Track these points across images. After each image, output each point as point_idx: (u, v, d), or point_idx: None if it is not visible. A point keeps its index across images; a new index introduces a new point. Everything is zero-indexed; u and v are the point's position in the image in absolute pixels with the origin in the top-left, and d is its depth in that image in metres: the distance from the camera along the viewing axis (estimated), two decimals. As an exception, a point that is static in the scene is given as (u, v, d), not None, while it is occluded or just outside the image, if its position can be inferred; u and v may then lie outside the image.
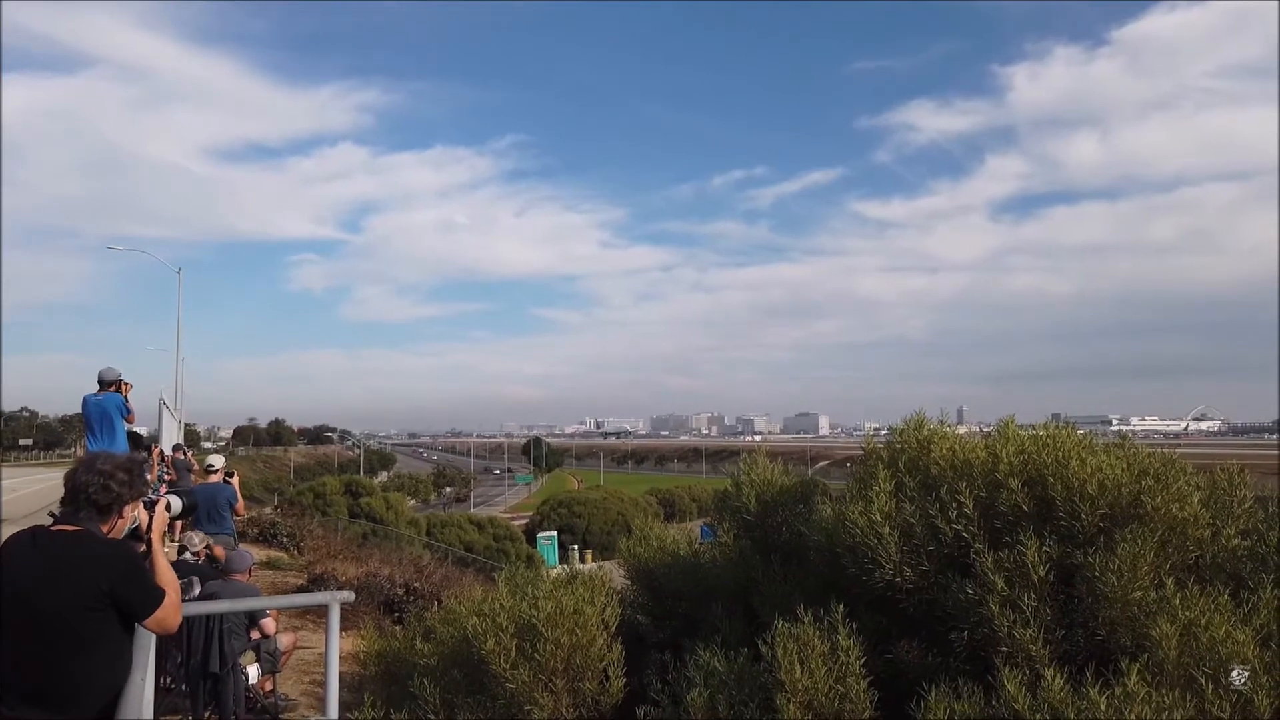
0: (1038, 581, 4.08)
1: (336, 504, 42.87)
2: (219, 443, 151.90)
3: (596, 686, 4.75)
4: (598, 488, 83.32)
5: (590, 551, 51.79)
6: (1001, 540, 4.33)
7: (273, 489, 77.81)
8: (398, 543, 32.44)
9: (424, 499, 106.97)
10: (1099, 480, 4.26)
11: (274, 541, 19.97)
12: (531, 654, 4.66)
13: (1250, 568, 4.36)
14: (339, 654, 4.73)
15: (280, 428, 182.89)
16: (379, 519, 41.31)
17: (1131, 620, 3.97)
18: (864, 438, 5.85)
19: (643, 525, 6.70)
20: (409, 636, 5.91)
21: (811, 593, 4.80)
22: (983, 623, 4.12)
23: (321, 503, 42.71)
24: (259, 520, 22.40)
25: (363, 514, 41.87)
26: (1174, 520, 4.23)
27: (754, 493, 5.81)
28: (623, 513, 59.55)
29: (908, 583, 4.54)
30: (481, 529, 50.48)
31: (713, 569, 5.82)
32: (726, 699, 4.22)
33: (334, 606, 4.78)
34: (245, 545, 17.97)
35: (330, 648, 4.78)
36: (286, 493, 57.17)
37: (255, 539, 20.12)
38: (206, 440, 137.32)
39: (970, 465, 4.72)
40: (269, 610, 7.54)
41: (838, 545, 4.84)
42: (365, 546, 24.11)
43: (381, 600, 11.84)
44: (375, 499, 45.50)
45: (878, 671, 4.25)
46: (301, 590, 12.69)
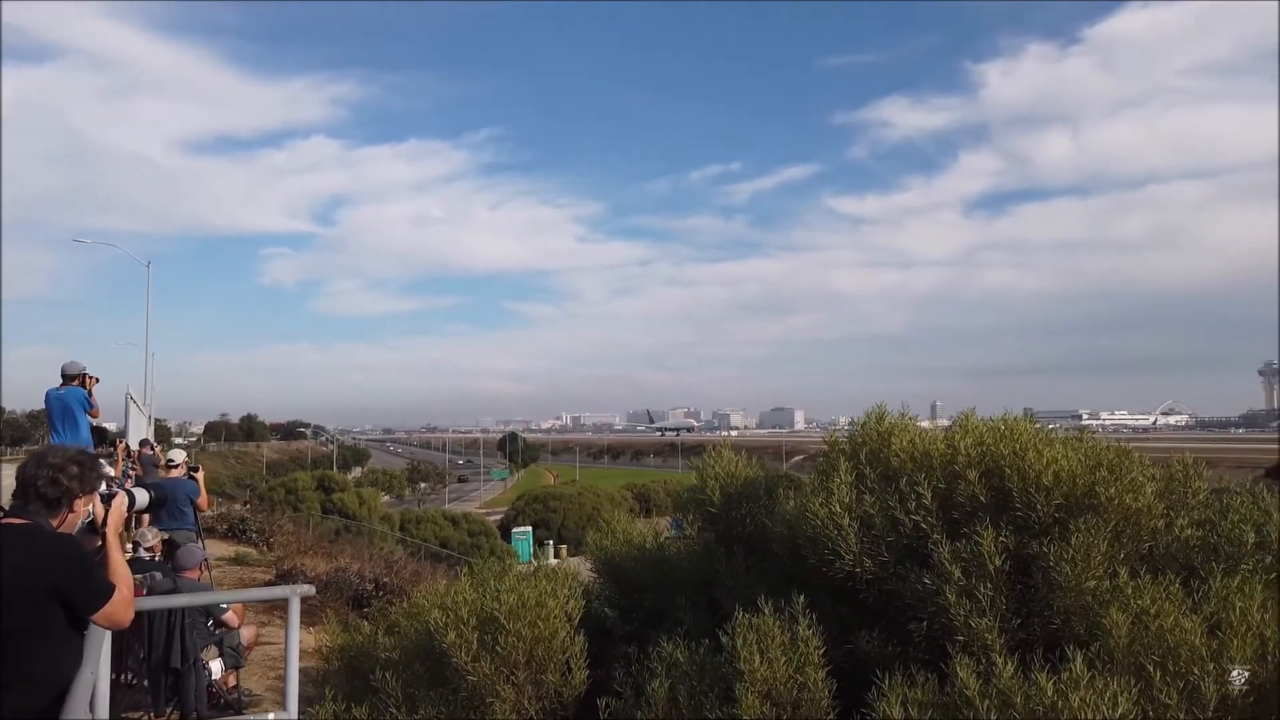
0: (994, 571, 4.13)
1: (308, 500, 42.52)
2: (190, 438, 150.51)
3: (559, 678, 4.75)
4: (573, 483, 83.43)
5: (565, 546, 51.75)
6: (959, 531, 4.38)
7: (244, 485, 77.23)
8: (370, 538, 32.26)
9: (398, 495, 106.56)
10: (1054, 471, 4.32)
11: (243, 537, 19.80)
12: (493, 646, 4.65)
13: (1202, 557, 4.43)
14: (302, 649, 4.71)
15: (252, 423, 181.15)
16: (352, 515, 41.05)
17: (1085, 609, 4.03)
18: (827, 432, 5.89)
19: (610, 519, 6.71)
20: (372, 631, 5.88)
21: (774, 584, 4.82)
22: (940, 612, 4.17)
23: (293, 498, 42.34)
24: (228, 516, 22.19)
25: (335, 510, 41.61)
26: (1128, 511, 4.30)
27: (718, 486, 5.84)
28: (598, 508, 59.52)
29: (867, 573, 4.59)
30: (456, 524, 50.37)
31: (678, 561, 5.84)
32: (687, 689, 4.24)
33: (294, 601, 4.76)
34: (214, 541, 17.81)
35: (290, 642, 4.76)
36: (258, 488, 56.64)
37: (224, 535, 19.95)
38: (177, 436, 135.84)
39: (930, 457, 4.77)
40: (232, 605, 7.48)
41: (799, 537, 4.87)
42: (337, 542, 23.95)
43: (350, 596, 11.78)
44: (348, 495, 45.21)
45: (838, 661, 4.28)
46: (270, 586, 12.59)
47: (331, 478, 50.59)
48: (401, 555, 21.22)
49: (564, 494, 66.53)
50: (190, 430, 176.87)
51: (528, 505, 63.90)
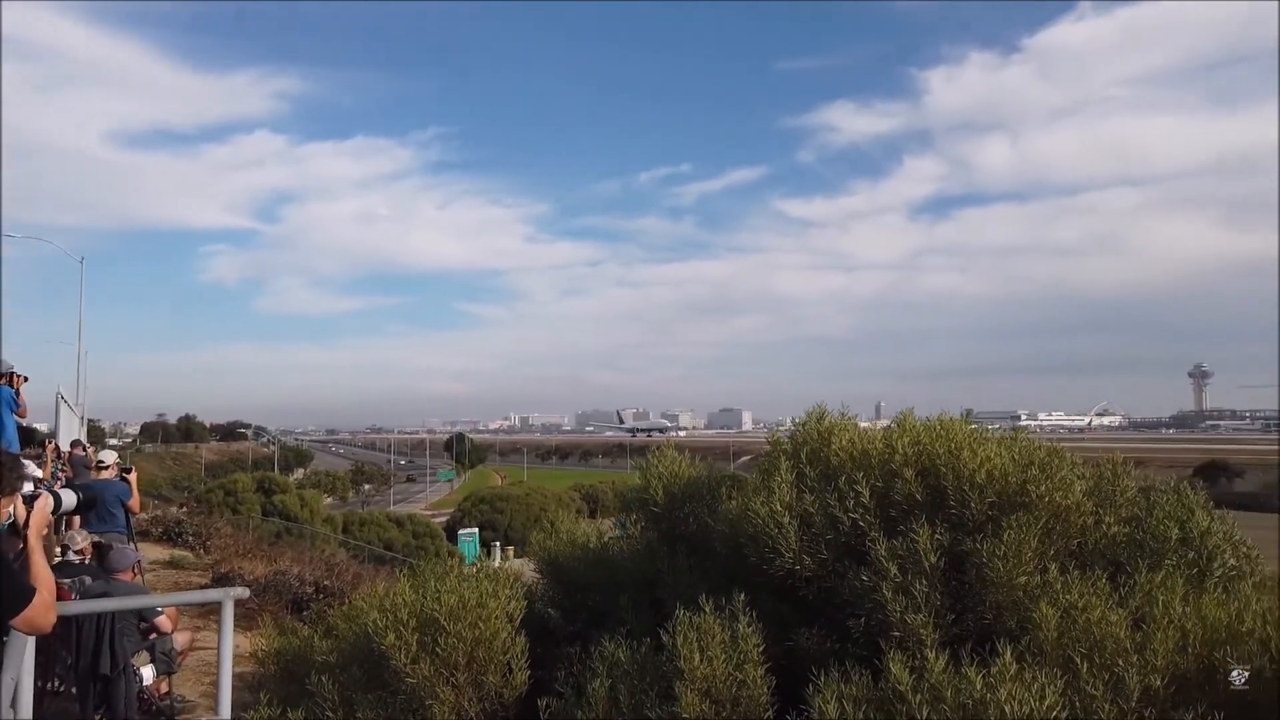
0: (929, 568, 4.21)
1: (248, 502, 41.69)
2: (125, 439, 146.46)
3: (500, 679, 4.72)
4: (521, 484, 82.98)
5: (512, 548, 51.46)
6: (896, 528, 4.45)
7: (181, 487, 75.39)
8: (312, 541, 31.71)
9: (341, 496, 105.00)
10: (987, 470, 4.41)
11: (179, 540, 19.33)
12: (433, 648, 4.60)
13: (1128, 554, 4.58)
14: (238, 653, 4.61)
15: (191, 424, 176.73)
16: (293, 517, 40.35)
17: (1016, 604, 4.13)
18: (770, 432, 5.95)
19: (554, 519, 6.69)
20: (310, 634, 5.78)
21: (716, 582, 4.85)
22: (877, 609, 4.23)
23: (232, 500, 41.50)
24: (164, 519, 21.64)
25: (276, 512, 40.85)
26: (1058, 508, 4.41)
27: (662, 485, 5.85)
28: (545, 509, 59.30)
29: (807, 571, 4.63)
30: (401, 526, 49.82)
31: (621, 561, 5.84)
32: (628, 688, 4.24)
33: (227, 604, 4.67)
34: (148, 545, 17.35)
35: (223, 646, 4.67)
36: (195, 490, 55.33)
37: (160, 538, 19.46)
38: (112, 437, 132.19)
39: (868, 456, 4.84)
40: (165, 609, 7.30)
41: (741, 535, 4.91)
42: (277, 545, 23.50)
43: (290, 599, 11.57)
44: (289, 496, 44.43)
45: (778, 658, 4.32)
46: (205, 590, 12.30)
47: (272, 479, 49.69)
48: (344, 558, 20.91)
49: (511, 495, 66.19)
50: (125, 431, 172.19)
51: (474, 506, 63.46)
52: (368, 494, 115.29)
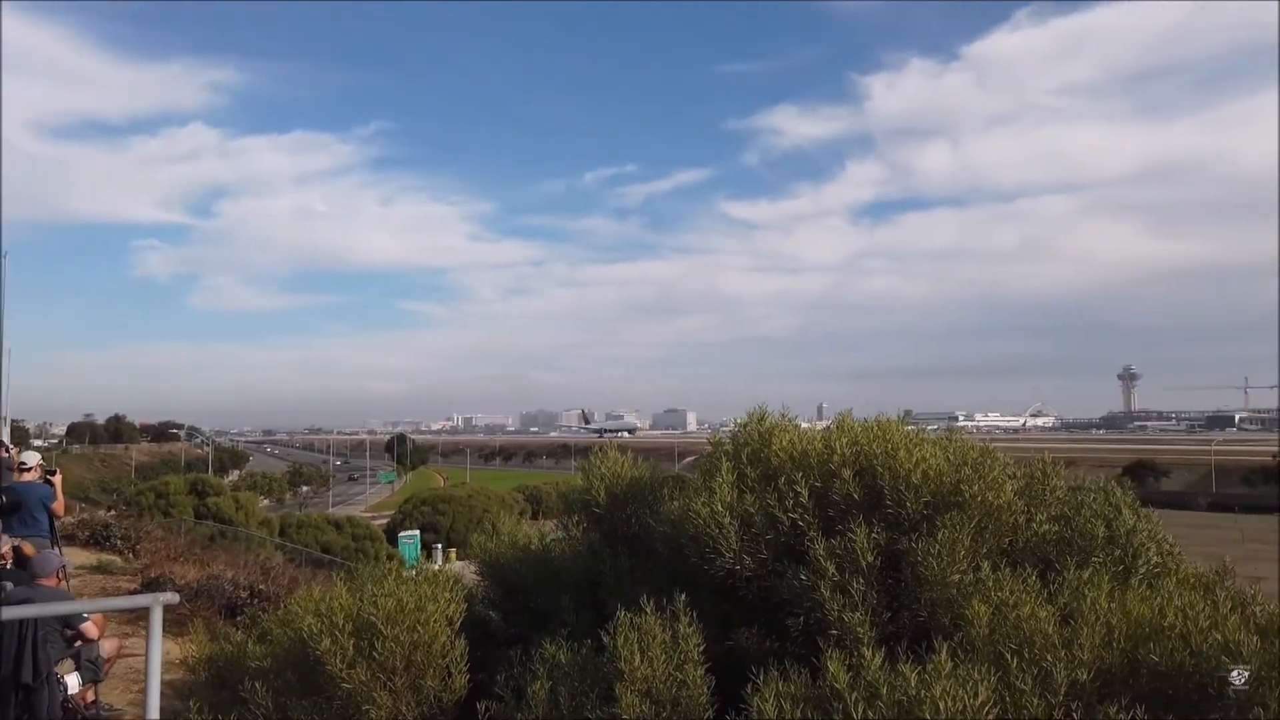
0: (866, 567, 4.28)
1: (181, 504, 40.66)
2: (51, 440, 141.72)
3: (439, 683, 4.68)
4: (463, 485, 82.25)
5: (454, 550, 50.96)
6: (834, 528, 4.52)
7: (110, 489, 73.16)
8: (248, 544, 31.02)
9: (278, 498, 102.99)
10: (923, 470, 4.50)
11: (107, 544, 18.74)
12: (370, 652, 4.54)
13: (1057, 551, 4.72)
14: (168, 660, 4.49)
15: (120, 424, 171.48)
16: (228, 520, 39.40)
17: (950, 601, 4.22)
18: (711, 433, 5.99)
19: (496, 521, 6.64)
20: (243, 640, 5.66)
21: (657, 583, 4.86)
22: (815, 607, 4.29)
23: (164, 503, 40.45)
24: (91, 522, 20.96)
25: (210, 514, 39.86)
26: (990, 507, 4.52)
27: (604, 486, 5.85)
28: (488, 510, 58.86)
29: (747, 570, 4.67)
30: (340, 529, 48.97)
31: (563, 563, 5.83)
32: (568, 690, 4.24)
33: (156, 609, 4.52)
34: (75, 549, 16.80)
35: (151, 653, 4.52)
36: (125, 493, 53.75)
37: (86, 542, 18.84)
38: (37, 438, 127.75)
39: (808, 457, 4.90)
40: (91, 615, 7.07)
41: (682, 536, 4.93)
42: (211, 549, 22.91)
43: (223, 604, 11.30)
44: (224, 499, 43.40)
45: (718, 658, 4.35)
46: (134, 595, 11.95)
47: (206, 481, 48.53)
48: (280, 561, 20.47)
49: (453, 496, 65.53)
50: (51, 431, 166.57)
51: (415, 508, 62.69)
52: (305, 496, 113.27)
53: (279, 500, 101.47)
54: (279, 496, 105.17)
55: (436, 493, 71.41)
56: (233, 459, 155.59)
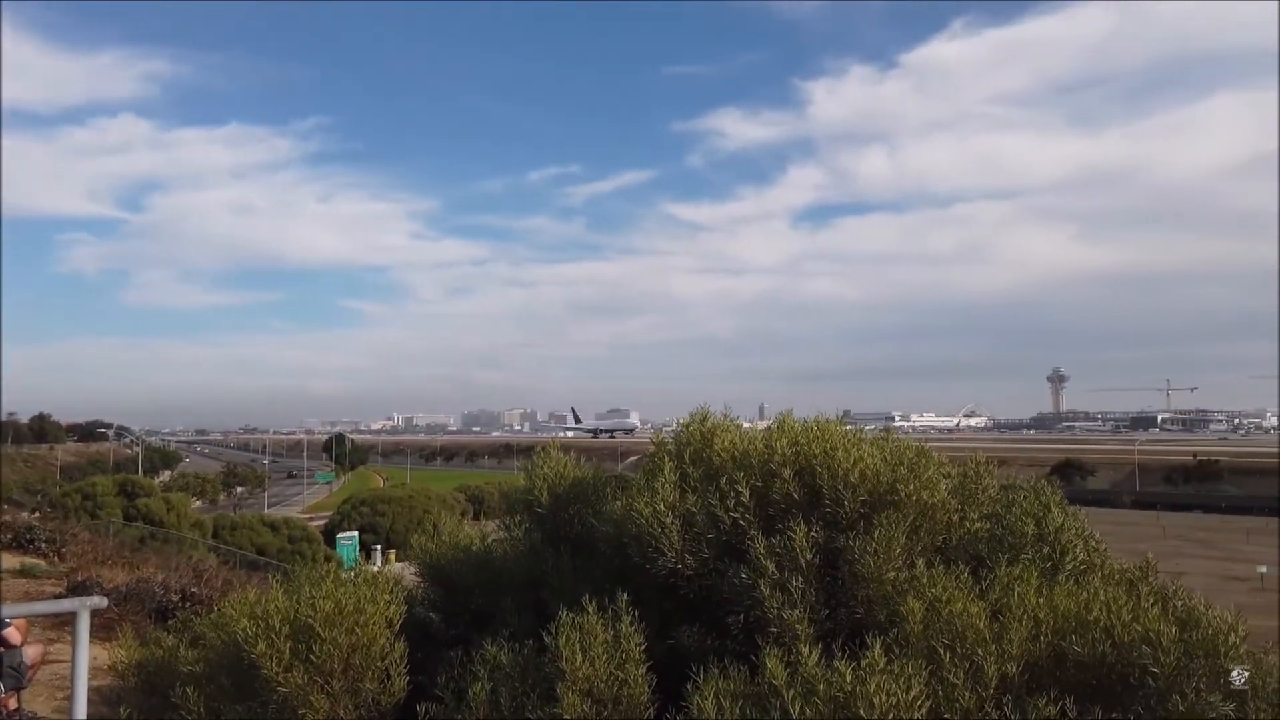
0: (805, 565, 4.35)
1: (109, 506, 39.52)
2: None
3: (377, 686, 4.62)
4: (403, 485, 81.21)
5: (394, 551, 50.29)
6: (774, 527, 4.58)
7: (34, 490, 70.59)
8: (180, 546, 30.26)
9: (212, 500, 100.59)
10: (860, 470, 4.59)
11: (30, 547, 18.09)
12: (307, 656, 4.47)
13: (989, 548, 4.85)
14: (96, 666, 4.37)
15: (45, 423, 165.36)
16: (158, 521, 38.42)
17: (886, 598, 4.31)
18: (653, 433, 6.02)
19: (437, 521, 6.58)
20: (174, 644, 5.52)
21: (600, 583, 4.88)
22: (755, 605, 4.35)
23: (91, 505, 39.25)
24: (14, 524, 20.23)
25: (140, 516, 38.81)
26: (925, 506, 4.62)
27: (546, 486, 5.84)
28: (429, 510, 58.17)
29: (689, 569, 4.71)
30: (276, 530, 48.03)
31: (504, 563, 5.80)
32: (509, 691, 4.23)
33: (83, 614, 4.42)
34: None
35: (78, 659, 4.42)
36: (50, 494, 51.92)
37: (9, 545, 18.17)
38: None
39: (748, 456, 4.96)
40: (14, 620, 6.83)
41: (625, 536, 4.95)
42: (140, 552, 22.29)
43: (153, 608, 10.99)
44: (154, 500, 42.31)
45: (660, 657, 4.38)
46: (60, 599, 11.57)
47: (136, 482, 47.25)
48: (213, 563, 19.98)
49: (393, 497, 64.66)
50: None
51: (354, 509, 61.71)
52: (240, 497, 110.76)
53: (212, 501, 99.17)
54: (212, 498, 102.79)
55: (376, 493, 70.40)
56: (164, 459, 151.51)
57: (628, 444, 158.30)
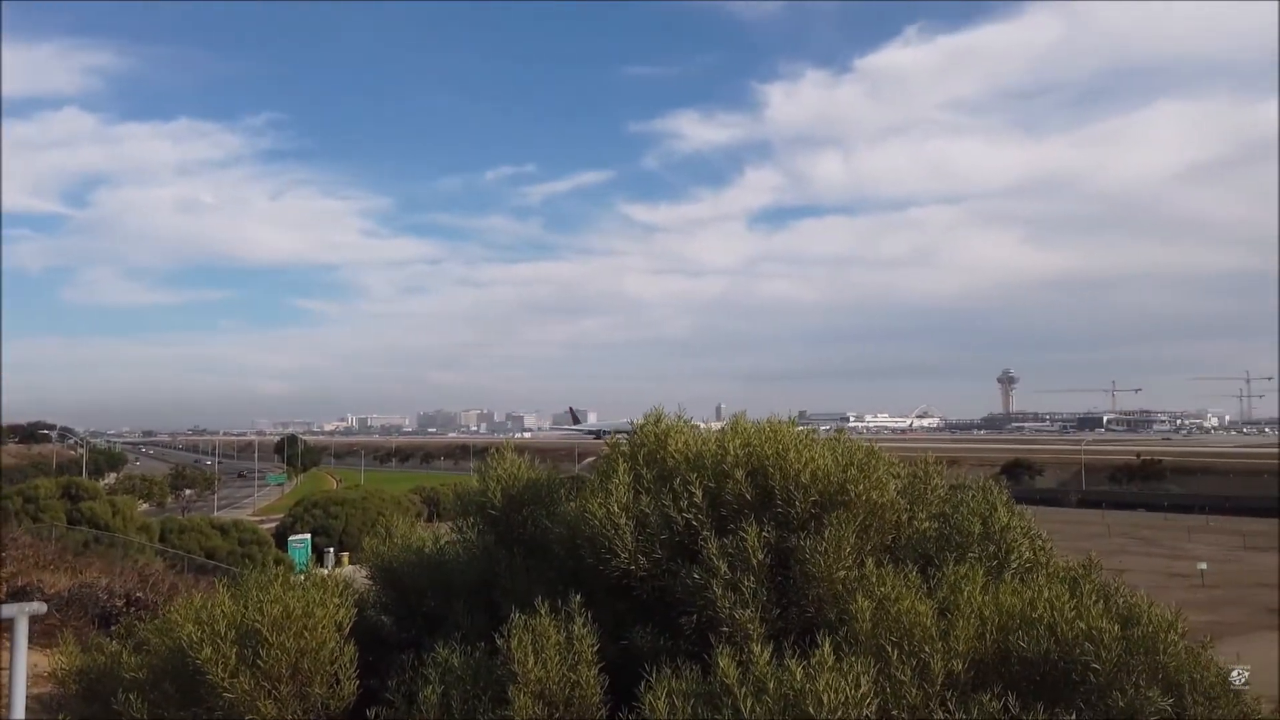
0: (757, 565, 4.39)
1: (51, 509, 38.44)
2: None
3: (326, 690, 4.57)
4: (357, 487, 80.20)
5: (347, 554, 49.66)
6: (727, 527, 4.62)
7: (-28, 494, 68.53)
8: (125, 550, 29.55)
9: (159, 502, 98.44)
10: (811, 470, 4.64)
11: (-33, 553, 17.56)
12: (254, 661, 4.41)
13: (936, 547, 4.94)
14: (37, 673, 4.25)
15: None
16: (103, 525, 37.51)
17: (836, 597, 4.37)
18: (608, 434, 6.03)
19: (390, 523, 6.52)
20: (117, 650, 5.40)
21: (553, 584, 4.88)
22: (708, 605, 4.38)
23: (33, 508, 38.14)
24: (-51, 529, 19.62)
25: (84, 519, 37.84)
26: (874, 505, 4.69)
27: (500, 488, 5.81)
28: (383, 513, 57.51)
29: (642, 570, 4.73)
30: (225, 533, 47.17)
31: (457, 565, 5.77)
32: (461, 694, 4.21)
33: (20, 620, 4.30)
34: (-71, 558, 15.67)
35: (16, 666, 4.29)
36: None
37: (-56, 551, 17.62)
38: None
39: (702, 457, 5.00)
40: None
41: (578, 537, 4.96)
42: (85, 556, 21.71)
43: (97, 613, 10.73)
44: (99, 503, 41.27)
45: (613, 658, 4.39)
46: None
47: (80, 485, 46.04)
48: (160, 568, 19.59)
49: (346, 499, 63.76)
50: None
51: (306, 511, 60.74)
52: (189, 499, 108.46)
53: (160, 504, 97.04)
54: (160, 500, 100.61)
55: (329, 495, 69.39)
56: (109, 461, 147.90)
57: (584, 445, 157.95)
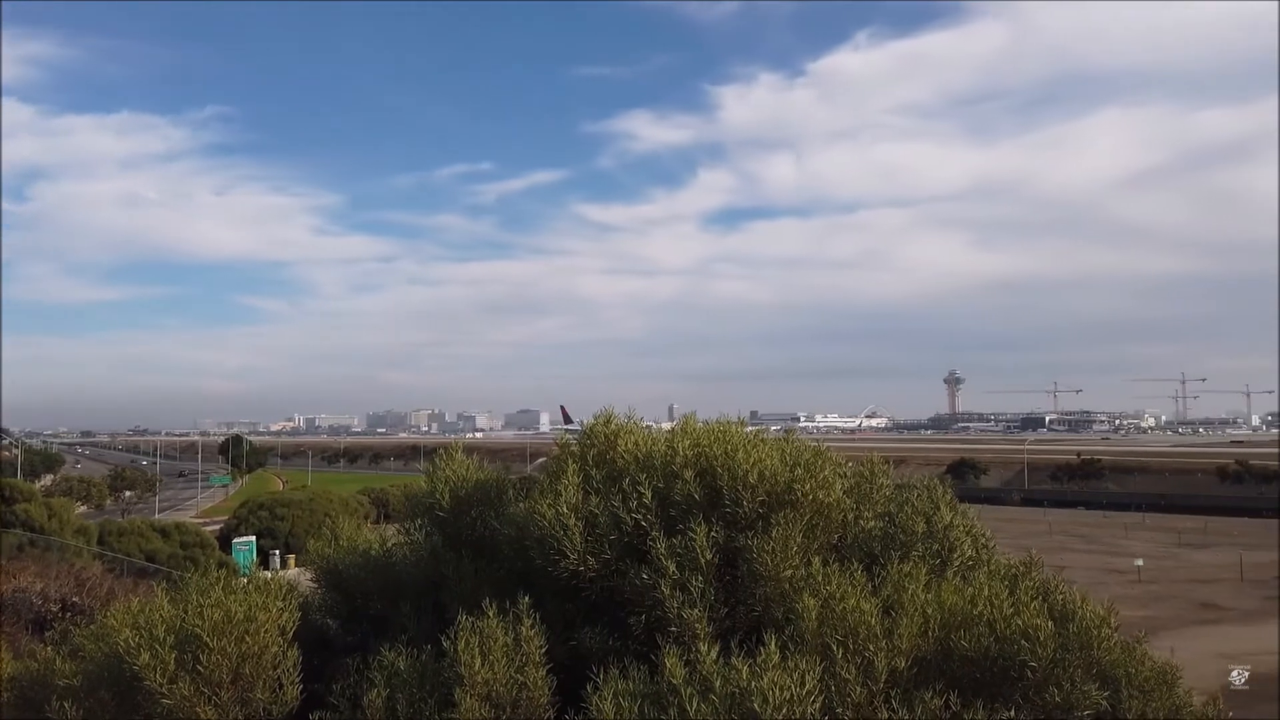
0: (705, 565, 4.41)
1: (-18, 512, 37.20)
2: None
3: (269, 695, 4.49)
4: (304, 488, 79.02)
5: (293, 556, 48.83)
6: (675, 527, 4.63)
7: (-101, 496, 66.07)
8: (61, 554, 28.75)
9: (98, 504, 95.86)
10: (759, 470, 4.68)
11: (-107, 557, 16.94)
12: (194, 666, 4.31)
13: (882, 546, 5.01)
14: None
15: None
16: (38, 528, 36.44)
17: (783, 596, 4.41)
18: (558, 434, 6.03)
19: (337, 525, 6.43)
20: (52, 656, 5.24)
21: (501, 586, 4.85)
22: (656, 605, 4.39)
23: (-38, 511, 36.86)
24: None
25: (18, 522, 36.72)
26: (820, 505, 4.74)
27: (448, 489, 5.77)
28: (330, 514, 56.62)
29: (591, 571, 4.72)
30: (167, 536, 46.10)
31: (404, 567, 5.70)
32: (406, 697, 4.17)
33: (-53, 628, 4.16)
34: None
35: (-58, 675, 4.15)
36: (-83, 500, 48.65)
37: None
38: None
39: (651, 458, 5.01)
40: None
41: (527, 538, 4.93)
42: (18, 559, 21.12)
43: (31, 619, 10.45)
44: (34, 505, 40.07)
45: (561, 659, 4.38)
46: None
47: (14, 486, 44.64)
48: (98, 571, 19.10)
49: (293, 500, 62.70)
50: None
51: (252, 513, 59.62)
52: (129, 502, 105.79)
53: (99, 506, 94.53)
54: (99, 502, 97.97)
55: (275, 496, 68.14)
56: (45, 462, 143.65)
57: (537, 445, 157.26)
